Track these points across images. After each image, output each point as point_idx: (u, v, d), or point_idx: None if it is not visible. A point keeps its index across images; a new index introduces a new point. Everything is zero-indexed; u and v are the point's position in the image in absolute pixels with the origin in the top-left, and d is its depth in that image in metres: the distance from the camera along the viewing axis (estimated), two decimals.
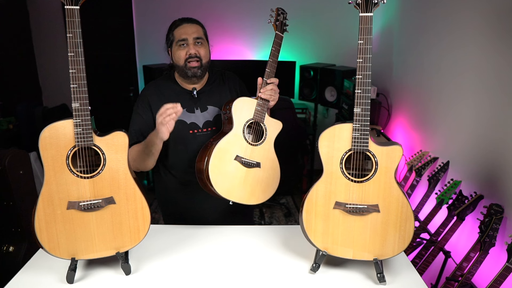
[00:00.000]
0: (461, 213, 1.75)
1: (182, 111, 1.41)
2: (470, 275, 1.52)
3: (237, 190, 1.48)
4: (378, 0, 1.09)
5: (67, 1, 1.05)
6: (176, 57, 1.55)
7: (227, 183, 1.46)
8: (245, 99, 1.51)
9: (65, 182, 1.14)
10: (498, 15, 1.72)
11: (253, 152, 1.51)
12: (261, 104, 1.51)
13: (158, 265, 1.29)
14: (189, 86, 1.63)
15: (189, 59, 1.53)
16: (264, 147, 1.54)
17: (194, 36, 1.53)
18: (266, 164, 1.54)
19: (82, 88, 1.09)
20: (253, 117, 1.51)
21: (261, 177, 1.53)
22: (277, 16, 1.52)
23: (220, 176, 1.44)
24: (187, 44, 1.53)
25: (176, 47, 1.55)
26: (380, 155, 1.18)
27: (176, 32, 1.55)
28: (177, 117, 1.36)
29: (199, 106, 1.62)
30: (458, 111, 2.05)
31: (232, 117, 1.48)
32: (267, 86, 1.49)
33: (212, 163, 1.42)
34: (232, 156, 1.47)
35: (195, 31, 1.55)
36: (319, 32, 3.94)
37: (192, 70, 1.54)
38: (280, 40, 1.51)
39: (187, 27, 1.54)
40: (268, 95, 1.50)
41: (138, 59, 4.02)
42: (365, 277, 1.25)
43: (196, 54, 1.53)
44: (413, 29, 2.73)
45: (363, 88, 1.13)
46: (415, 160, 2.28)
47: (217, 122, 1.62)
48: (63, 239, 1.17)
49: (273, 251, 1.39)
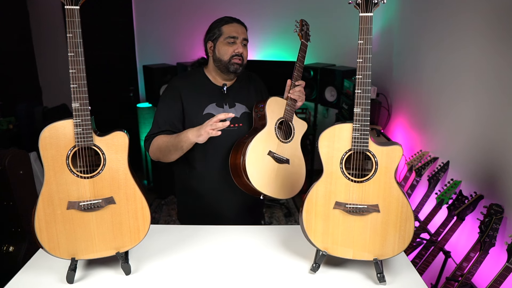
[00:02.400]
0: (461, 213, 1.75)
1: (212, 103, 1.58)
2: (470, 275, 1.52)
3: (269, 184, 1.55)
4: (378, 0, 1.09)
5: (67, 1, 1.05)
6: (222, 52, 1.60)
7: (261, 176, 1.53)
8: (277, 99, 1.62)
9: (65, 182, 1.14)
10: (498, 16, 1.72)
11: (283, 149, 1.61)
12: (290, 104, 1.61)
13: (158, 265, 1.29)
14: (219, 82, 1.68)
15: (235, 56, 1.59)
16: (292, 145, 1.64)
17: (243, 37, 1.62)
18: (294, 161, 1.63)
19: (82, 88, 1.09)
20: (283, 116, 1.61)
21: (290, 173, 1.62)
22: (302, 26, 1.65)
23: (256, 170, 1.51)
24: (236, 42, 1.59)
25: (224, 42, 1.60)
26: (380, 155, 1.18)
27: (226, 28, 1.60)
28: (223, 127, 1.42)
29: (228, 102, 1.67)
30: (458, 111, 2.05)
31: (266, 115, 1.57)
32: (296, 88, 1.60)
33: (249, 157, 1.49)
34: (265, 151, 1.55)
35: (244, 32, 1.63)
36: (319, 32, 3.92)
37: (235, 66, 1.60)
38: (305, 48, 1.64)
39: (238, 27, 1.62)
40: (296, 96, 1.60)
41: (138, 59, 4.03)
42: (365, 277, 1.25)
43: (242, 53, 1.60)
44: (413, 29, 2.73)
45: (363, 88, 1.13)
46: (415, 160, 2.28)
47: (243, 119, 1.68)
48: (63, 239, 1.17)
49: (273, 251, 1.39)
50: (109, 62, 3.95)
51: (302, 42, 1.64)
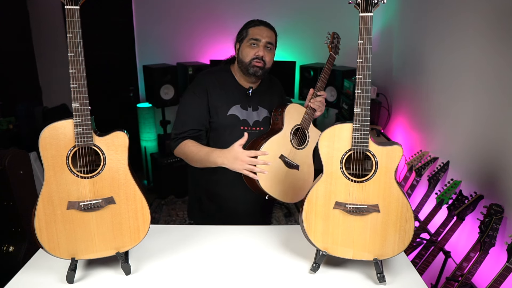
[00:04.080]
0: (461, 213, 1.75)
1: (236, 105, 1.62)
2: (470, 275, 1.52)
3: (276, 186, 1.58)
4: (378, 0, 1.09)
5: (67, 1, 1.05)
6: (244, 54, 1.61)
7: (269, 177, 1.54)
8: (296, 106, 1.65)
9: (65, 182, 1.14)
10: (498, 16, 1.72)
11: (295, 155, 1.64)
12: (309, 113, 1.64)
13: (158, 265, 1.29)
14: (245, 84, 1.68)
15: (255, 59, 1.59)
16: (305, 153, 1.67)
17: (267, 40, 1.60)
18: (303, 168, 1.67)
19: (82, 88, 1.09)
20: (300, 123, 1.65)
21: (297, 179, 1.64)
22: (333, 39, 1.67)
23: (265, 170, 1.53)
24: (258, 45, 1.59)
25: (247, 44, 1.60)
26: (380, 155, 1.18)
27: (252, 30, 1.61)
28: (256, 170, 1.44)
29: (252, 105, 1.68)
30: (458, 111, 2.05)
31: (283, 120, 1.60)
32: (317, 98, 1.63)
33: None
34: (277, 154, 1.58)
35: (269, 35, 1.61)
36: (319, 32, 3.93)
37: (254, 68, 1.60)
38: (333, 60, 1.66)
39: (263, 30, 1.61)
40: (317, 106, 1.63)
41: (138, 59, 4.02)
42: (365, 277, 1.25)
43: (263, 57, 1.59)
44: (413, 29, 2.73)
45: (363, 88, 1.13)
46: (415, 160, 2.28)
47: (264, 123, 1.69)
48: (63, 239, 1.17)
49: (273, 251, 1.39)
50: (109, 62, 3.95)
51: (331, 55, 1.65)
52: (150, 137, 3.87)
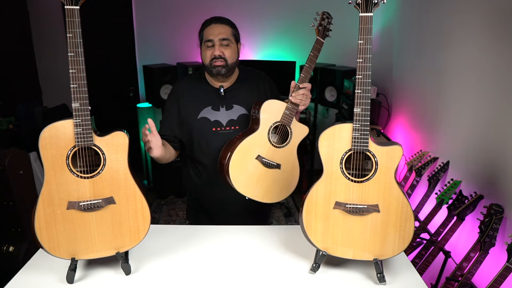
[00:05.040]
0: (461, 213, 1.75)
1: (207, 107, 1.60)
2: (470, 275, 1.52)
3: (253, 187, 1.54)
4: (378, 0, 1.09)
5: (67, 1, 1.05)
6: (203, 57, 1.61)
7: (244, 179, 1.52)
8: (274, 102, 1.53)
9: (65, 182, 1.14)
10: (499, 16, 1.72)
11: (275, 154, 1.55)
12: (290, 108, 1.52)
13: (158, 265, 1.29)
14: (217, 84, 1.66)
15: (213, 60, 1.56)
16: (287, 150, 1.57)
17: (220, 37, 1.56)
18: (286, 166, 1.58)
19: (82, 88, 1.09)
20: (280, 120, 1.53)
21: (279, 178, 1.58)
22: (321, 20, 1.50)
23: (239, 173, 1.50)
24: (213, 45, 1.56)
25: (204, 47, 1.60)
26: (380, 155, 1.18)
27: (205, 32, 1.59)
28: (152, 143, 1.45)
29: (225, 104, 1.65)
30: (458, 111, 2.05)
31: (259, 119, 1.52)
32: (299, 91, 1.51)
33: (233, 160, 1.48)
34: (253, 155, 1.53)
35: (222, 31, 1.57)
36: None
37: (217, 68, 1.57)
38: (320, 46, 1.49)
39: (215, 28, 1.57)
40: (298, 100, 1.51)
41: (138, 59, 4.02)
42: (365, 277, 1.25)
43: (220, 55, 1.56)
44: (413, 29, 2.73)
45: (363, 88, 1.13)
46: (415, 160, 2.28)
47: (240, 121, 1.65)
48: (63, 239, 1.17)
49: (273, 251, 1.39)
50: (109, 62, 3.95)
51: (317, 39, 1.48)
52: None
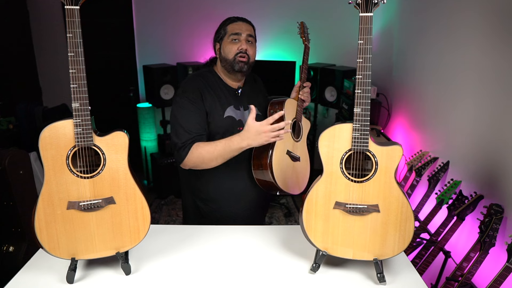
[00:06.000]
0: (461, 213, 1.75)
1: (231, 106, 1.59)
2: (470, 275, 1.52)
3: (288, 182, 1.63)
4: (378, 0, 1.09)
5: (67, 1, 1.05)
6: (227, 51, 1.58)
7: (283, 175, 1.60)
8: (292, 100, 1.67)
9: (65, 182, 1.14)
10: (499, 16, 1.72)
11: (296, 147, 1.69)
12: (300, 105, 1.69)
13: (158, 265, 1.29)
14: (232, 84, 1.66)
15: (239, 54, 1.56)
16: (302, 144, 1.74)
17: (248, 33, 1.59)
18: (303, 158, 1.73)
19: (82, 88, 1.09)
20: (295, 116, 1.68)
21: (300, 170, 1.71)
22: (303, 28, 1.70)
23: (279, 168, 1.57)
24: (239, 40, 1.57)
25: (228, 41, 1.58)
26: (380, 155, 1.18)
27: (231, 27, 1.59)
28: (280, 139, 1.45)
29: (242, 105, 1.66)
30: (458, 111, 2.05)
31: (284, 115, 1.57)
32: (304, 89, 1.68)
33: (275, 156, 1.55)
34: (285, 150, 1.62)
35: (249, 29, 1.61)
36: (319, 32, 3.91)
37: (240, 64, 1.57)
38: (308, 50, 1.70)
39: (242, 24, 1.60)
40: (305, 97, 1.70)
41: (138, 59, 4.02)
42: (365, 277, 1.25)
43: (246, 50, 1.57)
44: (413, 29, 2.73)
45: (363, 88, 1.13)
46: (415, 160, 2.28)
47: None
48: (63, 239, 1.17)
49: (273, 251, 1.39)
50: (109, 62, 3.95)
51: (306, 45, 1.68)
52: (150, 137, 3.87)
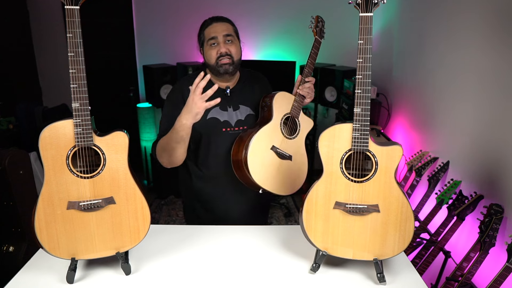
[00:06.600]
0: (461, 213, 1.75)
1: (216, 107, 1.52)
2: (470, 275, 1.53)
3: (270, 180, 1.56)
4: (378, 0, 1.09)
5: (67, 1, 1.05)
6: (208, 56, 1.57)
7: (262, 171, 1.52)
8: (285, 94, 1.61)
9: (65, 182, 1.14)
10: (498, 16, 1.72)
11: (287, 145, 1.61)
12: (298, 100, 1.62)
13: (158, 265, 1.29)
14: (222, 85, 1.64)
15: (220, 58, 1.54)
16: (297, 142, 1.64)
17: (224, 34, 1.55)
18: (296, 158, 1.64)
19: (82, 88, 1.09)
20: (290, 111, 1.61)
21: (291, 170, 1.62)
22: (317, 23, 1.66)
23: (258, 164, 1.51)
24: (218, 43, 1.55)
25: (207, 46, 1.57)
26: (380, 155, 1.18)
27: (207, 31, 1.57)
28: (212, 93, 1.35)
29: (232, 104, 1.64)
30: (458, 111, 2.05)
31: (272, 109, 1.55)
32: (305, 84, 1.60)
33: (251, 150, 1.48)
34: (268, 146, 1.55)
35: (224, 29, 1.56)
36: None
37: (224, 66, 1.55)
38: (318, 45, 1.65)
39: (217, 26, 1.56)
40: (305, 92, 1.61)
41: (138, 59, 4.02)
42: (365, 277, 1.25)
43: (226, 52, 1.54)
44: (413, 29, 2.73)
45: (363, 88, 1.13)
46: (415, 160, 2.28)
47: (248, 121, 1.66)
48: (63, 239, 1.17)
49: (273, 251, 1.39)
50: (109, 62, 3.95)
51: (316, 39, 1.64)
52: (150, 137, 3.87)
